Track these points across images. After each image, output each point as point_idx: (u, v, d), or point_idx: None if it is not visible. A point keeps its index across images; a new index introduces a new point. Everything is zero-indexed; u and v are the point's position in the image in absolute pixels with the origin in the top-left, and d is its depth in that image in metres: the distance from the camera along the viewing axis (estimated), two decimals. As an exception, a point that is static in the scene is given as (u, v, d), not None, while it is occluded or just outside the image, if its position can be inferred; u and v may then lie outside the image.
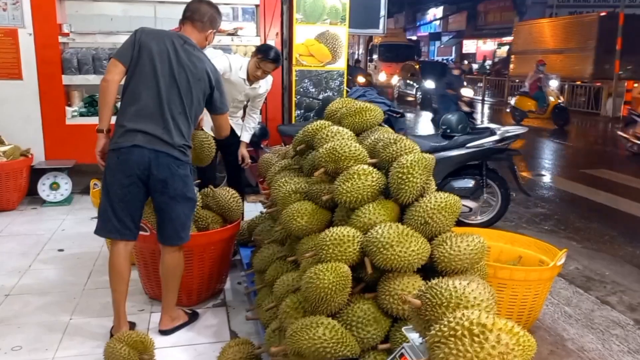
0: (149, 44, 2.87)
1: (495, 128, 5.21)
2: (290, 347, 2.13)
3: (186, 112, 2.93)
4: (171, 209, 2.95)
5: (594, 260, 4.69)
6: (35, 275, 3.95)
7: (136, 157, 2.81)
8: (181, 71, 2.90)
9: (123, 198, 2.86)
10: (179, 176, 2.91)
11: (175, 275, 3.10)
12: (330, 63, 6.34)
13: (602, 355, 3.08)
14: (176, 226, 2.99)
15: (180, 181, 2.92)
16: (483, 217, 5.34)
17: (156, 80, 2.86)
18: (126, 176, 2.83)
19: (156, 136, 2.83)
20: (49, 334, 3.11)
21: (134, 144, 2.80)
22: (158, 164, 2.84)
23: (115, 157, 2.84)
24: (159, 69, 2.86)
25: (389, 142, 2.71)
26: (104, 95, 2.83)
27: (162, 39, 2.91)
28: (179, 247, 3.07)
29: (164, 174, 2.86)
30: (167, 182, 2.88)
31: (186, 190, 2.97)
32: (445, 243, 2.30)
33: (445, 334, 1.42)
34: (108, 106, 2.85)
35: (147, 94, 2.85)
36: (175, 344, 3.05)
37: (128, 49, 2.87)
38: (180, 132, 2.90)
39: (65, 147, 5.79)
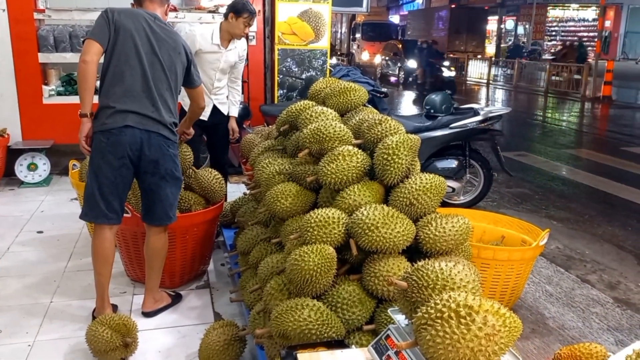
0: (125, 23, 2.80)
1: (479, 108, 5.21)
2: (275, 329, 2.12)
3: (172, 87, 2.93)
4: (161, 189, 2.93)
5: (574, 240, 4.75)
6: (14, 258, 3.88)
7: (128, 138, 2.76)
8: (162, 47, 2.87)
9: (114, 181, 2.80)
10: (169, 156, 2.90)
11: (160, 256, 3.08)
12: (314, 42, 6.27)
13: (582, 333, 3.13)
14: (165, 206, 2.97)
15: (170, 161, 2.91)
16: (466, 197, 5.37)
17: (139, 58, 2.81)
18: (117, 158, 2.77)
19: (147, 115, 2.80)
20: (29, 317, 3.07)
21: (125, 125, 2.75)
22: (150, 145, 2.82)
23: (105, 139, 2.77)
24: (140, 46, 2.81)
25: (373, 122, 2.68)
26: (84, 77, 2.73)
27: (137, 17, 2.86)
28: (164, 228, 3.05)
29: (156, 154, 2.84)
30: (159, 163, 2.86)
31: (175, 170, 2.97)
32: (431, 224, 2.30)
33: (432, 315, 1.41)
34: (89, 88, 2.77)
35: (131, 74, 2.80)
36: (158, 326, 3.03)
37: (104, 28, 2.79)
38: (169, 108, 2.90)
39: (42, 126, 5.67)
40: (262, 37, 6.31)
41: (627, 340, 3.06)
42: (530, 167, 7.51)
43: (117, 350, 2.58)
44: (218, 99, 4.26)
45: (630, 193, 6.24)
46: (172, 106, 2.93)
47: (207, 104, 4.20)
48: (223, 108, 4.31)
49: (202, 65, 4.07)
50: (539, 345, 3.00)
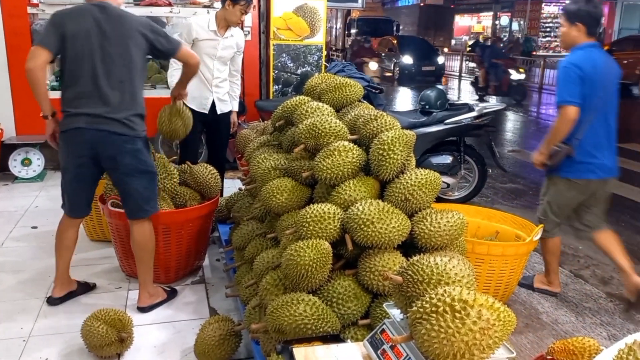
0: (72, 27, 2.80)
1: (474, 104, 5.23)
2: (270, 324, 2.13)
3: (131, 78, 2.88)
4: (127, 184, 2.95)
5: (567, 235, 4.76)
6: (9, 253, 3.87)
7: (80, 139, 2.85)
8: (111, 40, 2.82)
9: (75, 177, 2.93)
10: (126, 152, 2.87)
11: (146, 249, 3.07)
12: (309, 37, 6.26)
13: (575, 328, 3.16)
14: (137, 200, 2.98)
15: (129, 156, 2.89)
16: (460, 192, 5.39)
17: (89, 59, 2.81)
18: (76, 157, 2.88)
19: (97, 115, 2.82)
20: (24, 312, 3.07)
21: (77, 127, 2.83)
22: (103, 143, 2.84)
23: (62, 140, 2.90)
24: (88, 47, 2.80)
25: (369, 118, 2.68)
26: (32, 84, 2.76)
27: (83, 16, 2.83)
28: (145, 220, 3.03)
29: (111, 151, 2.86)
30: (116, 159, 2.88)
31: (139, 164, 2.93)
32: (426, 219, 2.31)
33: (427, 310, 1.42)
34: (42, 93, 2.81)
35: (82, 75, 2.83)
36: (154, 321, 3.03)
37: (51, 34, 2.79)
38: (124, 103, 2.86)
39: (36, 121, 5.55)
40: (257, 32, 6.29)
41: (619, 335, 3.09)
42: (524, 163, 7.54)
43: (112, 345, 2.59)
44: (218, 94, 4.25)
45: (624, 189, 6.27)
46: (128, 99, 2.88)
47: (207, 97, 4.21)
48: (223, 106, 4.30)
49: (200, 55, 4.06)
50: (532, 339, 3.02)
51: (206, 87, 4.19)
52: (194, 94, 4.17)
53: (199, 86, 4.17)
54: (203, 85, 4.18)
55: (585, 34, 3.23)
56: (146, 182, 2.99)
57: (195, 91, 4.17)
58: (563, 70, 3.23)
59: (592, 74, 3.15)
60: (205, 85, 4.18)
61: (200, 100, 4.20)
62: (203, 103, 4.21)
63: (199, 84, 4.16)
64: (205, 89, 4.19)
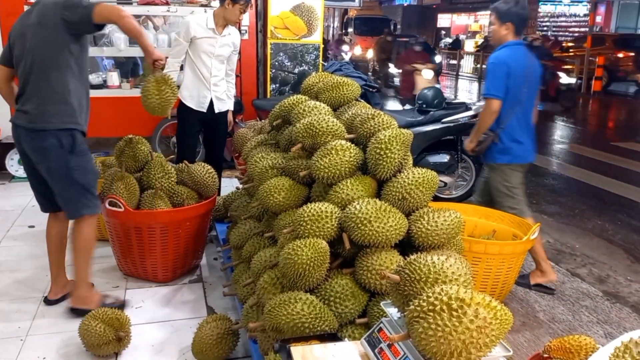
0: (14, 36, 2.85)
1: (471, 103, 5.24)
2: (268, 323, 2.13)
3: (42, 68, 2.76)
4: (50, 182, 2.89)
5: (564, 234, 4.80)
6: (6, 252, 3.86)
7: (13, 134, 2.89)
8: (33, 35, 2.77)
9: (26, 172, 3.01)
10: (33, 149, 2.81)
11: (76, 250, 2.97)
12: (306, 36, 6.25)
13: (572, 326, 3.17)
14: (61, 200, 2.92)
15: (37, 154, 2.81)
16: (458, 191, 5.40)
17: (21, 61, 2.81)
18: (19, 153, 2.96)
19: (18, 109, 2.84)
20: (21, 312, 3.06)
21: (13, 123, 2.87)
22: (20, 138, 2.85)
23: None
24: (22, 49, 2.81)
25: (366, 117, 2.69)
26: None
27: (23, 22, 2.84)
28: (76, 221, 2.94)
29: (24, 147, 2.85)
30: (28, 156, 2.86)
31: (49, 163, 2.80)
32: (423, 218, 2.31)
33: (424, 308, 1.43)
34: (10, 103, 2.95)
35: (19, 75, 2.86)
36: (151, 320, 3.03)
37: (6, 49, 2.89)
38: (35, 96, 2.78)
39: (33, 120, 5.62)
40: (255, 31, 6.29)
41: (615, 333, 3.10)
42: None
43: (110, 344, 2.59)
44: (217, 92, 4.25)
45: (621, 188, 6.29)
46: (39, 91, 2.77)
47: (205, 96, 4.21)
48: (221, 105, 4.30)
49: (198, 53, 4.09)
50: (529, 337, 3.03)
51: (204, 86, 4.19)
52: (192, 92, 4.18)
53: (197, 84, 4.17)
54: (201, 83, 4.18)
55: (513, 32, 3.48)
56: (65, 184, 2.84)
57: (194, 90, 4.18)
58: (491, 65, 3.48)
59: (517, 69, 3.41)
60: (204, 83, 4.18)
61: (198, 99, 4.20)
62: (201, 102, 4.21)
63: (197, 82, 4.17)
64: (203, 87, 4.19)
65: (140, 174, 3.48)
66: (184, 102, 4.22)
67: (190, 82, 4.20)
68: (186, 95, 4.21)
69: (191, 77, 4.19)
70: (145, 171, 3.45)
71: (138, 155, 3.43)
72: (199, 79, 4.16)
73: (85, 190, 2.89)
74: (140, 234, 3.29)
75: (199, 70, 4.15)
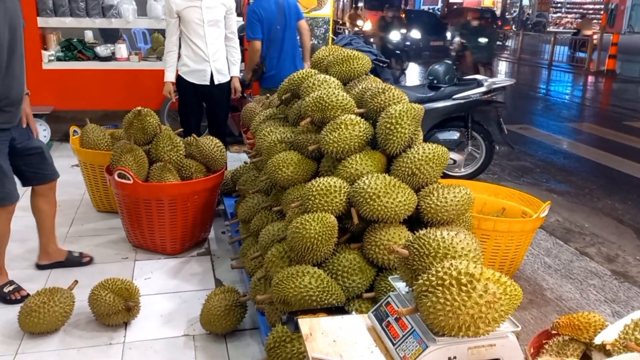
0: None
1: (483, 79, 5.16)
2: (276, 295, 2.14)
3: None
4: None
5: (573, 213, 4.77)
6: (16, 223, 3.84)
7: None
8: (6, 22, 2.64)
9: None
10: None
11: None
12: (316, 9, 6.17)
13: (579, 304, 3.17)
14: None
15: None
16: (467, 169, 5.36)
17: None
18: None
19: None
20: (31, 281, 3.10)
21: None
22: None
23: None
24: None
25: (377, 91, 2.65)
26: None
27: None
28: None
29: None
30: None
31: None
32: (432, 194, 2.30)
33: (433, 283, 1.42)
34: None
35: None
36: (160, 291, 3.06)
37: None
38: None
39: (42, 92, 5.61)
40: (264, 4, 6.21)
41: (623, 312, 3.09)
42: (532, 140, 7.49)
43: (119, 314, 2.62)
44: (216, 64, 4.20)
45: (631, 167, 6.23)
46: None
47: (205, 69, 4.18)
48: (221, 77, 4.26)
49: (190, 25, 4.04)
50: (536, 315, 3.03)
51: (203, 59, 4.14)
52: (191, 67, 4.15)
53: (195, 59, 4.14)
54: (199, 57, 4.14)
55: None
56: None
57: (193, 64, 4.15)
58: (248, 14, 4.76)
59: (266, 16, 4.63)
60: (202, 57, 4.14)
61: (198, 74, 4.17)
62: (202, 75, 4.18)
63: (195, 56, 4.14)
64: (202, 60, 4.15)
65: (148, 146, 3.48)
66: (183, 77, 4.19)
67: (188, 58, 4.16)
68: (186, 71, 4.18)
69: (188, 51, 4.15)
70: (153, 144, 3.45)
71: (147, 127, 3.42)
72: (196, 52, 4.12)
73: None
74: (149, 206, 3.30)
75: (194, 44, 4.10)
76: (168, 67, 4.19)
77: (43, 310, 2.55)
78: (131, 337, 2.65)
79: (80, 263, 3.28)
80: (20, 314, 2.58)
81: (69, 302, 2.66)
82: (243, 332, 2.68)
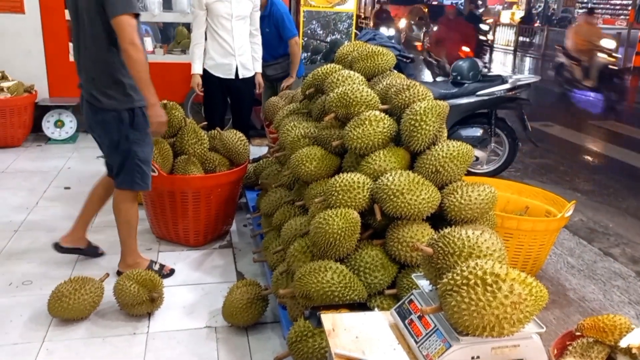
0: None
1: (507, 76, 5.11)
2: (298, 290, 2.16)
3: (88, 47, 2.74)
4: (105, 153, 2.96)
5: (598, 212, 4.70)
6: (43, 212, 3.97)
7: (81, 106, 2.92)
8: (77, 4, 2.71)
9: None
10: (96, 122, 2.84)
11: (118, 219, 2.99)
12: (340, 4, 6.16)
13: (602, 305, 3.13)
14: (114, 170, 2.94)
15: (98, 127, 2.85)
16: (489, 166, 5.32)
17: (73, 28, 2.80)
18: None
19: (81, 85, 2.86)
20: (58, 269, 3.16)
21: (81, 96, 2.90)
22: (84, 110, 2.87)
23: None
24: (71, 15, 2.78)
25: (401, 88, 2.65)
26: None
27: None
28: (118, 191, 2.96)
29: (87, 119, 2.88)
30: (91, 127, 2.90)
31: (110, 136, 2.82)
32: (456, 192, 2.29)
33: (458, 282, 1.42)
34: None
35: (73, 42, 2.85)
36: (183, 283, 3.10)
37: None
38: (89, 74, 2.79)
39: (69, 84, 5.68)
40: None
41: (647, 314, 3.05)
42: (556, 137, 7.39)
43: (143, 304, 2.66)
44: (242, 58, 4.23)
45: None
46: (92, 69, 2.76)
47: (231, 63, 4.20)
48: (245, 72, 4.28)
49: (217, 19, 4.06)
50: (558, 315, 3.01)
51: (229, 53, 4.17)
52: (217, 61, 4.17)
53: (222, 53, 4.16)
54: (225, 51, 4.16)
55: None
56: (119, 157, 2.86)
57: (219, 58, 4.17)
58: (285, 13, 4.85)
59: None
60: (228, 50, 4.16)
61: (224, 68, 4.20)
62: (228, 69, 4.21)
63: (221, 50, 4.15)
64: (228, 54, 4.17)
65: (173, 139, 3.51)
66: (208, 71, 4.21)
67: (214, 51, 4.18)
68: (211, 65, 4.20)
69: (215, 45, 4.17)
70: (178, 137, 3.49)
71: (172, 120, 3.45)
72: (222, 46, 4.14)
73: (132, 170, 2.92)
74: (173, 198, 3.35)
75: (221, 37, 4.12)
76: (196, 59, 4.21)
77: (73, 297, 2.60)
78: (155, 327, 2.69)
79: (95, 254, 3.32)
80: (51, 298, 2.64)
81: (98, 293, 2.71)
82: (264, 325, 2.71)
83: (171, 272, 3.17)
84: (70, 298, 2.60)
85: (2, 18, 5.54)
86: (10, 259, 3.28)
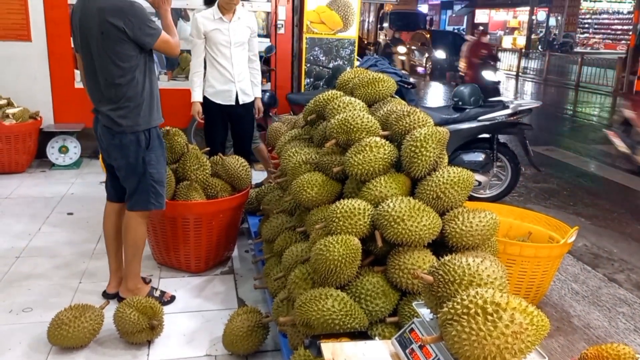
0: (75, 22, 2.83)
1: (508, 102, 5.14)
2: (299, 318, 2.14)
3: (105, 74, 2.80)
4: (121, 176, 2.97)
5: (602, 238, 4.67)
6: (45, 238, 3.97)
7: (95, 130, 2.97)
8: (87, 34, 2.78)
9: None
10: (113, 145, 2.88)
11: (126, 241, 3.01)
12: (342, 31, 6.23)
13: (607, 333, 3.09)
14: (128, 192, 2.97)
15: (115, 151, 2.89)
16: (492, 191, 5.31)
17: (84, 56, 2.87)
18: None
19: (96, 110, 2.90)
20: (59, 296, 3.15)
21: (95, 120, 2.96)
22: (100, 134, 2.93)
23: None
24: (81, 44, 2.85)
25: (402, 114, 2.66)
26: None
27: (78, 11, 2.81)
28: (131, 213, 2.98)
29: (103, 143, 2.94)
30: (108, 152, 2.94)
31: (127, 159, 2.87)
32: (457, 218, 2.28)
33: (458, 311, 1.41)
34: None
35: (85, 73, 2.93)
36: (183, 310, 3.08)
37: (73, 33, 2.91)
38: (107, 98, 2.83)
39: (74, 110, 5.77)
40: (291, 25, 6.30)
41: (654, 342, 3.01)
42: (558, 162, 7.38)
43: (143, 332, 2.64)
44: (241, 84, 4.26)
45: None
46: (109, 94, 2.82)
47: (230, 89, 4.24)
48: (245, 97, 4.31)
49: (215, 46, 4.11)
50: (563, 343, 2.97)
51: (228, 80, 4.20)
52: (217, 88, 4.21)
53: (221, 80, 4.19)
54: (225, 78, 4.19)
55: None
56: (135, 179, 2.91)
57: (219, 85, 4.20)
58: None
59: None
60: (227, 77, 4.19)
61: (224, 94, 4.23)
62: (227, 96, 4.24)
63: (221, 78, 4.18)
64: (227, 81, 4.20)
65: (176, 165, 3.53)
66: (209, 99, 4.25)
67: (213, 79, 4.21)
68: (211, 92, 4.23)
69: (214, 72, 4.20)
70: (181, 163, 3.50)
71: (174, 146, 3.47)
72: (222, 73, 4.17)
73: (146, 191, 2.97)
74: (175, 224, 3.34)
75: (220, 65, 4.16)
76: (195, 87, 4.25)
77: (73, 325, 2.59)
78: (154, 355, 2.67)
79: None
80: (51, 326, 2.62)
81: (98, 321, 2.69)
82: (265, 354, 2.68)
83: (172, 299, 3.15)
84: (70, 326, 2.58)
85: (9, 46, 5.63)
86: (11, 285, 3.27)
